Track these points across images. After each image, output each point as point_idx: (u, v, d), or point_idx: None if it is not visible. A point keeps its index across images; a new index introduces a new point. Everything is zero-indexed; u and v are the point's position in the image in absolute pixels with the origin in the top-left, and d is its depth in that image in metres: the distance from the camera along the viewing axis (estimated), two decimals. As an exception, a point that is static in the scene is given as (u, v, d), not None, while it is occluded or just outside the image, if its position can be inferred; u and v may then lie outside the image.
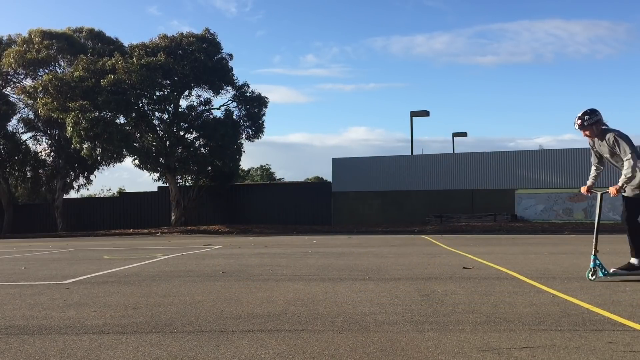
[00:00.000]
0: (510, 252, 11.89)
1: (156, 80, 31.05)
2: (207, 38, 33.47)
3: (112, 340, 3.99)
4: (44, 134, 38.18)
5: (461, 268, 8.47)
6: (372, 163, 33.34)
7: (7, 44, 36.45)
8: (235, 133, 33.13)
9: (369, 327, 4.30)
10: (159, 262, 10.39)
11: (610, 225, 27.17)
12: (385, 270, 8.38)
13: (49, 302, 5.71)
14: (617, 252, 11.58)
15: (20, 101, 36.25)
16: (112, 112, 31.25)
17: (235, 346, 3.77)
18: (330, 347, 3.71)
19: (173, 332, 4.22)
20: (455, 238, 19.70)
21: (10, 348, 3.81)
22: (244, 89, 34.52)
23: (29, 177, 39.03)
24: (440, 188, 31.66)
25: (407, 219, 30.61)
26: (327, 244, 16.49)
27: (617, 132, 6.54)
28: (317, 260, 10.45)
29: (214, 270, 8.74)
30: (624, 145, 6.40)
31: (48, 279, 7.97)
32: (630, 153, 6.35)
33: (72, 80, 30.66)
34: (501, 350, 3.55)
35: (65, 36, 34.85)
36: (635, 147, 6.49)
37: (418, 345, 3.71)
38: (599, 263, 6.66)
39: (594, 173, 7.11)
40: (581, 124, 6.64)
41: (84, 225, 36.63)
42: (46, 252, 15.30)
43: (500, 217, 29.29)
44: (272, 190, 37.08)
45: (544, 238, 19.29)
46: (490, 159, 31.40)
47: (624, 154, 6.39)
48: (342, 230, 28.80)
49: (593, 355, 3.41)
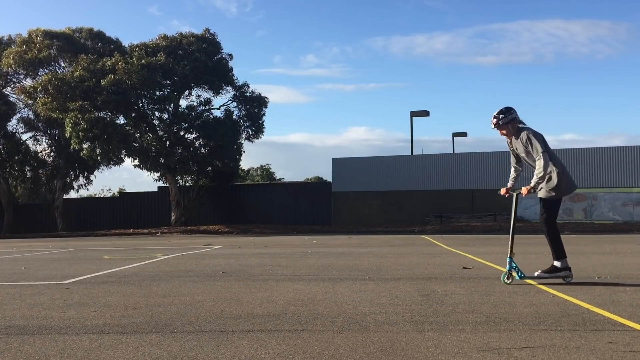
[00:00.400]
0: (510, 252, 11.87)
1: (156, 80, 31.04)
2: (207, 38, 33.48)
3: (112, 340, 3.99)
4: (44, 134, 38.19)
5: (461, 268, 8.47)
6: (372, 163, 33.34)
7: (7, 43, 36.46)
8: (235, 133, 33.13)
9: (369, 327, 4.30)
10: (159, 262, 10.40)
11: (610, 225, 27.20)
12: (385, 270, 8.38)
13: (49, 302, 5.71)
14: (618, 252, 11.58)
15: (20, 101, 36.27)
16: (112, 112, 31.24)
17: (235, 346, 3.77)
18: (330, 347, 3.71)
19: (173, 332, 4.22)
20: (455, 238, 19.70)
21: (10, 348, 3.81)
22: (244, 89, 34.54)
23: (29, 177, 39.02)
24: (440, 188, 31.66)
25: (407, 219, 30.61)
26: (327, 244, 16.49)
27: (531, 131, 6.37)
28: (317, 260, 10.45)
29: (214, 270, 8.74)
30: (536, 144, 6.23)
31: (48, 279, 7.97)
32: (542, 152, 6.18)
33: (72, 80, 30.66)
34: (501, 350, 3.55)
35: (65, 36, 34.85)
36: (548, 146, 6.33)
37: (418, 345, 3.71)
38: (515, 266, 6.41)
39: (513, 174, 6.87)
40: (496, 123, 6.46)
41: (84, 225, 36.63)
42: (46, 252, 15.30)
43: (500, 217, 29.29)
44: (272, 190, 37.09)
45: (543, 238, 19.23)
46: (490, 159, 31.40)
47: (536, 153, 6.23)
48: (342, 230, 28.80)
49: (593, 355, 3.41)
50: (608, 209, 29.10)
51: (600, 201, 29.08)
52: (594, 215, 29.04)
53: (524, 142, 6.37)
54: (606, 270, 8.02)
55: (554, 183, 6.35)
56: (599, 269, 8.20)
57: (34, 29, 34.91)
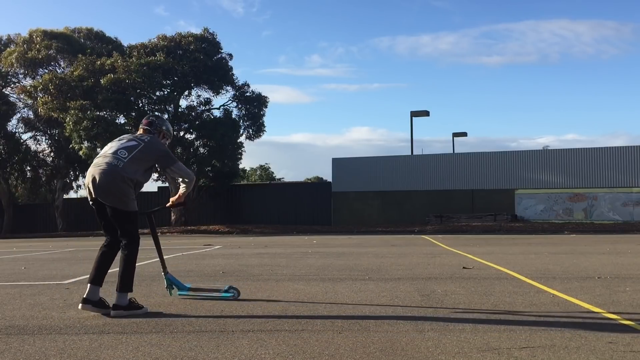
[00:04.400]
0: (510, 252, 11.89)
1: (156, 80, 31.04)
2: (206, 38, 33.46)
3: (112, 340, 3.99)
4: (44, 134, 38.17)
5: (461, 268, 8.47)
6: (372, 163, 33.33)
7: (6, 43, 36.48)
8: (235, 133, 33.13)
9: (369, 327, 4.30)
10: (159, 262, 10.38)
11: (610, 225, 27.18)
12: (385, 270, 8.38)
13: (49, 302, 5.71)
14: (618, 252, 11.58)
15: (20, 101, 36.27)
16: (112, 112, 31.25)
17: (235, 346, 3.77)
18: (330, 347, 3.71)
19: (173, 332, 4.22)
20: (455, 238, 19.70)
21: (10, 348, 3.81)
22: (244, 89, 34.54)
23: (29, 177, 39.02)
24: (440, 188, 31.65)
25: (407, 219, 30.61)
26: (327, 244, 16.49)
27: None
28: (317, 260, 10.45)
29: (214, 270, 8.74)
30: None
31: (48, 279, 7.97)
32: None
33: (72, 80, 30.67)
34: (501, 350, 3.55)
35: (65, 36, 34.85)
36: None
37: (418, 345, 3.71)
38: (171, 283, 5.80)
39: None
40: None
41: (84, 225, 36.57)
42: (46, 252, 15.30)
43: (500, 217, 29.29)
44: (272, 190, 37.09)
45: (544, 238, 19.29)
46: (490, 159, 31.40)
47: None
48: (342, 230, 28.80)
49: (593, 355, 3.41)
50: (608, 209, 29.08)
51: (600, 201, 29.07)
52: (594, 215, 29.04)
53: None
54: (606, 270, 8.02)
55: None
56: (599, 269, 8.20)
57: (34, 29, 34.96)
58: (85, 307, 4.92)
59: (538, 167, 30.17)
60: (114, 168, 4.94)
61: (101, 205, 5.02)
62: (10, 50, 34.57)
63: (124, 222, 5.01)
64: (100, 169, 4.98)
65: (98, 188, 4.94)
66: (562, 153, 30.41)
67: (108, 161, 5.00)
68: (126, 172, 4.95)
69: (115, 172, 4.93)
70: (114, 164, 4.96)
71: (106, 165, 4.98)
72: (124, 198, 4.95)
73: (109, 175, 4.93)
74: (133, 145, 5.11)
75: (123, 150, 5.05)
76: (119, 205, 4.95)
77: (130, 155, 5.02)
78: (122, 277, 5.00)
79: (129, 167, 4.98)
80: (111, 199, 4.94)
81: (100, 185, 4.93)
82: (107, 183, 4.92)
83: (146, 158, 5.11)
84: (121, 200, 4.95)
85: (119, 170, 4.93)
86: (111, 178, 4.92)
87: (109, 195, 4.94)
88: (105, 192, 4.94)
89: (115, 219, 5.01)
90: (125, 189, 4.96)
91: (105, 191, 4.94)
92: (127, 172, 4.95)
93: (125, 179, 4.94)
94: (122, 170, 4.94)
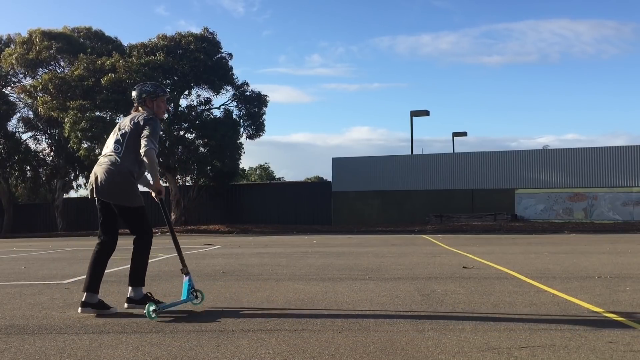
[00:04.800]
0: (510, 252, 11.89)
1: (156, 80, 31.03)
2: (206, 37, 33.44)
3: (112, 339, 3.99)
4: (44, 134, 38.18)
5: (461, 268, 8.47)
6: (372, 163, 33.33)
7: (6, 43, 36.46)
8: (235, 132, 33.12)
9: (369, 327, 4.30)
10: (159, 262, 10.38)
11: (610, 225, 27.18)
12: (385, 269, 8.38)
13: (49, 302, 5.71)
14: (617, 252, 11.58)
15: (20, 101, 36.27)
16: (112, 112, 31.24)
17: (235, 346, 3.77)
18: (330, 347, 3.71)
19: (173, 331, 4.22)
20: (455, 238, 19.70)
21: (10, 348, 3.81)
22: (244, 88, 34.53)
23: (29, 176, 39.02)
24: (440, 188, 31.66)
25: (407, 219, 30.61)
26: (327, 244, 16.49)
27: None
28: (317, 259, 10.45)
29: (214, 270, 8.74)
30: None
31: (48, 278, 7.97)
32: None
33: (72, 80, 30.67)
34: (501, 350, 3.55)
35: (64, 36, 34.83)
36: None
37: (418, 345, 3.71)
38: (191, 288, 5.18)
39: None
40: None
41: (84, 225, 36.57)
42: (46, 251, 15.30)
43: (500, 217, 29.29)
44: (272, 189, 37.09)
45: (544, 238, 19.29)
46: (490, 158, 31.40)
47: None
48: (342, 230, 28.80)
49: (593, 355, 3.41)
50: (608, 209, 29.08)
51: (600, 201, 29.07)
52: (593, 215, 29.04)
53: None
54: (606, 269, 8.02)
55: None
56: (599, 268, 8.20)
57: (34, 29, 34.93)
58: (85, 310, 4.94)
59: (538, 167, 30.17)
60: (113, 165, 5.00)
61: (106, 202, 5.08)
62: (10, 50, 34.55)
63: (132, 218, 5.07)
64: (102, 168, 5.05)
65: (101, 189, 5.00)
66: (562, 153, 30.40)
67: (108, 160, 5.07)
68: (125, 167, 5.00)
69: (115, 171, 4.98)
70: (113, 161, 5.03)
71: (107, 164, 5.04)
72: (127, 195, 5.01)
73: (110, 174, 4.98)
74: (123, 133, 5.13)
75: (117, 145, 5.10)
76: (125, 202, 5.01)
77: (123, 148, 5.06)
78: (137, 271, 5.12)
79: (126, 158, 5.03)
80: (115, 197, 5.00)
81: (103, 185, 4.99)
82: (108, 183, 4.97)
83: (137, 139, 5.04)
84: (126, 197, 5.01)
85: (119, 167, 4.99)
86: (112, 177, 4.97)
87: (112, 195, 5.00)
88: (109, 192, 4.99)
89: (123, 217, 5.07)
90: (128, 186, 5.01)
91: (108, 191, 4.99)
92: (126, 164, 5.01)
93: (126, 174, 5.00)
94: (121, 166, 5.00)
